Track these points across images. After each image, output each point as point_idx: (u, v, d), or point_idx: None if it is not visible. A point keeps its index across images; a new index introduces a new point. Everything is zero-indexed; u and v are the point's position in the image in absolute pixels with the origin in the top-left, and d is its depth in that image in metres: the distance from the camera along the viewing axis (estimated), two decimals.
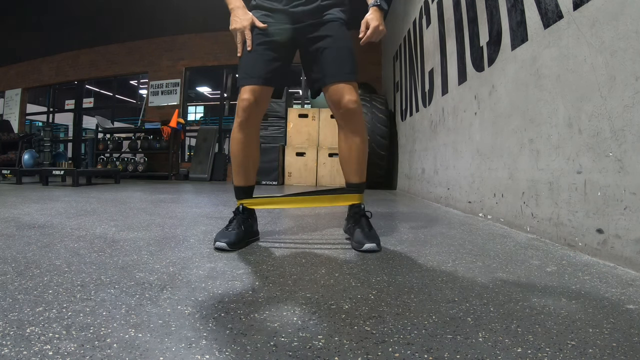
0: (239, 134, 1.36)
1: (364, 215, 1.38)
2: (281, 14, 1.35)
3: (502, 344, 0.62)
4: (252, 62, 1.33)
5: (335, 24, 1.35)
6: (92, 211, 2.17)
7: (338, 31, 1.35)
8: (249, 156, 1.41)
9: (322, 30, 1.34)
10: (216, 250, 1.26)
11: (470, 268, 1.09)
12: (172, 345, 0.59)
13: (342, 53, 1.34)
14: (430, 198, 3.28)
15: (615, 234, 1.14)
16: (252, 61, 1.33)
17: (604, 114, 1.21)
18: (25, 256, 1.12)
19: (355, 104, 1.32)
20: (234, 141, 1.38)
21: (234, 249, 1.27)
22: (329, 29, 1.34)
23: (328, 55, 1.33)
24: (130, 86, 10.88)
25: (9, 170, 5.36)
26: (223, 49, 7.40)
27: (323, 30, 1.34)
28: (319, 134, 5.60)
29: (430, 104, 3.34)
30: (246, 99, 1.30)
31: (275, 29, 1.34)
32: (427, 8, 3.35)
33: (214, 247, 1.28)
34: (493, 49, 2.04)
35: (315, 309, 0.75)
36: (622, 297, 0.85)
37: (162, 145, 6.89)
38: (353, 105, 1.32)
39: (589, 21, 1.28)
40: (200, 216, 2.08)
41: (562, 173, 1.43)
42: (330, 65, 1.33)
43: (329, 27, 1.35)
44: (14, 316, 0.68)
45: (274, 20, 1.36)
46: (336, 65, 1.32)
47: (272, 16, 1.36)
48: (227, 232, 1.31)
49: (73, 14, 6.39)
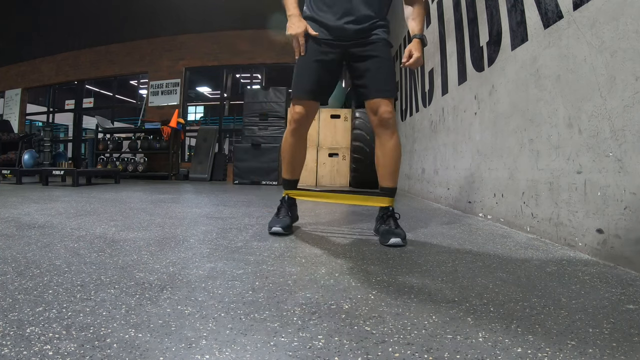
0: (291, 139, 1.60)
1: (392, 216, 1.50)
2: (332, 29, 1.49)
3: (502, 344, 0.62)
4: (305, 78, 1.53)
5: (380, 44, 1.51)
6: (92, 211, 2.17)
7: (383, 51, 1.51)
8: (296, 156, 1.65)
9: (369, 50, 1.50)
10: (272, 235, 1.52)
11: (470, 268, 1.09)
12: (172, 345, 0.59)
13: (385, 72, 1.51)
14: (430, 198, 3.28)
15: (615, 234, 1.14)
16: (306, 77, 1.53)
17: (604, 114, 1.21)
18: (25, 256, 1.12)
19: (390, 114, 1.49)
20: (286, 143, 1.62)
21: (287, 233, 1.55)
22: (375, 49, 1.50)
23: (373, 74, 1.50)
24: (130, 86, 10.88)
25: (9, 170, 5.36)
26: (223, 49, 7.41)
27: (370, 49, 1.50)
28: (319, 134, 5.60)
29: (430, 104, 3.34)
30: (298, 112, 1.54)
31: (329, 49, 1.51)
32: (427, 8, 3.35)
33: (270, 232, 1.54)
34: (493, 49, 2.04)
35: (315, 309, 0.75)
36: (622, 297, 0.85)
37: (162, 145, 6.89)
38: (388, 115, 1.48)
39: (589, 21, 1.28)
40: (200, 216, 2.08)
41: (562, 173, 1.43)
42: (375, 82, 1.50)
43: (376, 47, 1.50)
44: (14, 316, 0.68)
45: (325, 35, 1.50)
46: (380, 83, 1.49)
47: (323, 31, 1.50)
48: (279, 219, 1.58)
49: (73, 14, 6.40)
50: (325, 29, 1.50)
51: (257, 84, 9.44)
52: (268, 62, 7.45)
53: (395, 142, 1.52)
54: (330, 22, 1.49)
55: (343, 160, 5.47)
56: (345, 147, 5.43)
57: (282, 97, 5.98)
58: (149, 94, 7.75)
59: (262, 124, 5.92)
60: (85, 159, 8.22)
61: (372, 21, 1.49)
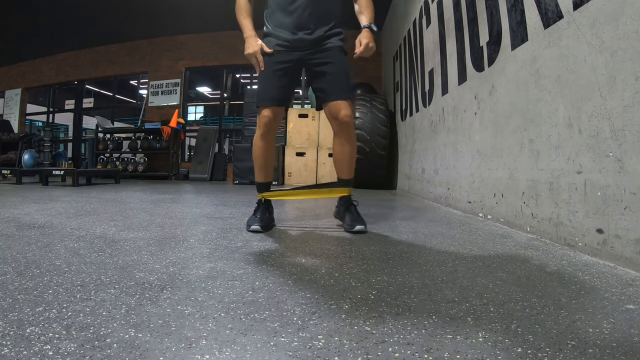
0: (261, 142, 1.69)
1: (352, 204, 1.72)
2: (289, 42, 1.62)
3: (502, 344, 0.62)
4: (269, 87, 1.64)
5: (334, 51, 1.63)
6: (92, 211, 2.17)
7: (337, 57, 1.63)
8: (268, 159, 1.74)
9: (323, 57, 1.62)
10: (251, 232, 1.59)
11: (470, 268, 1.09)
12: (172, 345, 0.59)
13: (340, 77, 1.63)
14: (430, 198, 3.28)
15: (615, 234, 1.14)
16: (269, 86, 1.64)
17: (604, 114, 1.21)
18: (25, 256, 1.12)
19: (349, 117, 1.62)
20: (257, 147, 1.70)
21: (265, 230, 1.63)
22: (329, 55, 1.62)
23: (329, 79, 1.62)
24: (130, 86, 10.88)
25: (9, 170, 5.36)
26: (223, 49, 7.40)
27: (324, 56, 1.62)
28: (319, 134, 5.59)
29: (430, 104, 3.34)
30: (266, 116, 1.63)
31: (285, 58, 1.62)
32: (427, 8, 3.36)
33: (249, 230, 1.62)
34: (493, 49, 2.04)
35: (315, 309, 0.75)
36: (622, 297, 0.85)
37: (162, 145, 6.88)
38: (347, 118, 1.62)
39: (589, 21, 1.28)
40: (200, 216, 2.08)
41: (562, 173, 1.43)
42: (331, 86, 1.62)
43: (330, 54, 1.62)
44: (14, 316, 0.68)
45: (283, 47, 1.62)
46: (336, 86, 1.62)
47: (282, 44, 1.63)
48: (257, 218, 1.66)
49: (73, 14, 6.40)
50: (282, 41, 1.63)
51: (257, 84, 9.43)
52: None
53: (352, 141, 1.69)
54: (286, 36, 1.62)
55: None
56: None
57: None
58: (149, 94, 7.74)
59: None
60: (85, 159, 8.22)
61: (326, 31, 1.62)
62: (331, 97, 1.62)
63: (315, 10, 1.59)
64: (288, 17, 1.61)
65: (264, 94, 1.65)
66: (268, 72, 1.63)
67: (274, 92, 1.64)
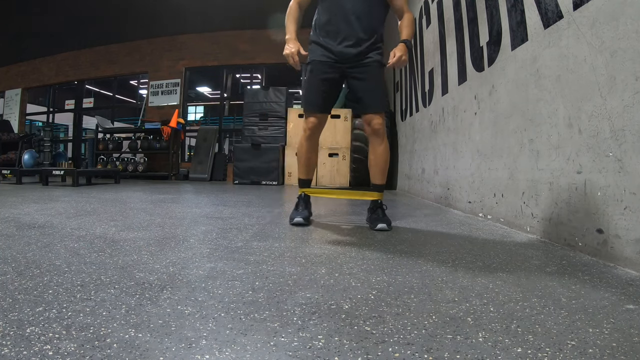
0: (306, 144, 1.90)
1: (380, 207, 1.85)
2: (334, 54, 1.77)
3: (502, 344, 0.62)
4: (315, 95, 1.83)
5: (373, 66, 1.78)
6: (92, 211, 2.17)
7: (376, 73, 1.79)
8: (311, 159, 1.93)
9: (363, 71, 1.77)
10: (294, 226, 1.79)
11: (470, 268, 1.09)
12: (172, 345, 0.59)
13: (377, 92, 1.81)
14: (430, 198, 3.28)
15: (615, 234, 1.14)
16: (315, 94, 1.83)
17: (604, 114, 1.21)
18: (25, 256, 1.12)
19: (381, 125, 1.81)
20: (302, 147, 1.91)
21: (307, 223, 1.83)
22: (369, 70, 1.77)
23: (366, 92, 1.79)
24: (130, 86, 10.87)
25: (9, 170, 5.35)
26: (223, 49, 7.40)
27: (364, 70, 1.77)
28: None
29: (430, 104, 3.34)
30: (312, 121, 1.85)
31: (331, 69, 1.79)
32: (427, 8, 3.35)
33: (292, 223, 1.81)
34: (493, 49, 2.04)
35: (315, 309, 0.75)
36: (622, 297, 0.85)
37: (162, 145, 6.89)
38: (379, 126, 1.80)
39: (589, 21, 1.28)
40: (200, 216, 2.08)
41: (562, 173, 1.43)
42: (368, 99, 1.79)
43: (369, 69, 1.77)
44: (14, 316, 0.68)
45: (328, 58, 1.78)
46: (372, 100, 1.79)
47: (327, 55, 1.78)
48: (299, 212, 1.86)
49: (73, 14, 6.40)
50: (328, 52, 1.77)
51: (257, 84, 9.44)
52: (268, 62, 7.44)
53: (384, 147, 1.83)
54: (332, 47, 1.76)
55: (343, 160, 5.47)
56: (345, 147, 5.43)
57: (282, 97, 5.96)
58: (149, 94, 7.75)
59: (262, 124, 5.92)
60: (85, 159, 8.22)
61: (368, 45, 1.75)
62: (368, 110, 1.79)
63: (361, 25, 1.73)
64: (335, 29, 1.75)
65: (309, 100, 1.85)
66: (315, 80, 1.82)
67: (320, 99, 1.83)
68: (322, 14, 1.79)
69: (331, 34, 1.76)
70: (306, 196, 1.94)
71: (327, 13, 1.77)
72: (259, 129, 5.91)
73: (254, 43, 7.32)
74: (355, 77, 1.78)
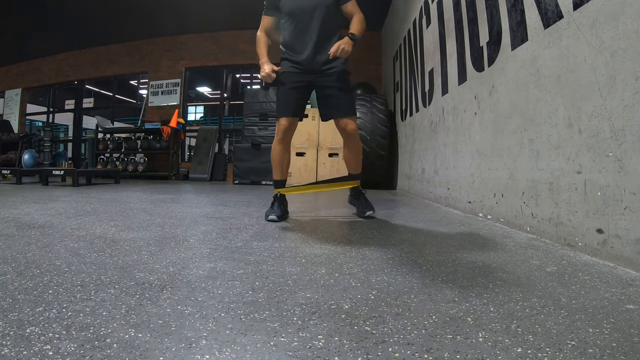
0: (279, 146, 2.05)
1: (362, 193, 2.14)
2: (300, 64, 2.00)
3: (502, 344, 0.62)
4: (286, 101, 2.03)
5: (338, 75, 2.00)
6: (92, 211, 2.17)
7: (342, 80, 2.01)
8: (284, 160, 2.09)
9: (330, 80, 1.99)
10: (268, 221, 1.89)
11: (470, 268, 1.09)
12: (172, 345, 0.59)
13: (346, 97, 2.03)
14: (430, 198, 3.28)
15: (615, 234, 1.14)
16: (286, 100, 2.03)
17: (604, 114, 1.21)
18: (25, 256, 1.12)
19: (354, 130, 2.04)
20: (275, 150, 2.07)
21: (281, 220, 1.94)
22: (335, 80, 1.99)
23: (336, 99, 2.01)
24: (130, 86, 10.88)
25: (9, 170, 5.35)
26: (223, 49, 7.40)
27: (331, 79, 1.99)
28: (319, 134, 5.59)
29: (430, 104, 3.34)
30: (283, 124, 2.01)
31: (300, 78, 2.01)
32: (427, 8, 3.35)
33: (267, 219, 1.92)
34: (493, 49, 2.04)
35: (315, 309, 0.75)
36: (622, 297, 0.85)
37: (162, 145, 6.88)
38: (353, 131, 2.04)
39: (589, 21, 1.28)
40: (200, 216, 2.08)
41: (562, 173, 1.43)
42: (337, 105, 2.02)
43: (337, 77, 1.99)
44: (14, 316, 0.68)
45: (296, 69, 2.01)
46: (342, 106, 2.02)
47: (295, 66, 2.02)
48: (274, 209, 1.99)
49: (73, 14, 6.39)
50: (295, 64, 2.02)
51: (257, 84, 9.44)
52: None
53: (358, 146, 2.11)
54: (296, 58, 2.01)
55: (343, 160, 5.47)
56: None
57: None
58: (149, 94, 7.74)
59: (262, 124, 5.92)
60: (85, 159, 8.22)
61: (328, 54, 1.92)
62: (339, 114, 2.01)
63: (319, 36, 1.96)
64: (297, 45, 2.00)
65: (282, 106, 2.03)
66: (286, 89, 2.02)
67: (290, 105, 2.02)
68: (285, 34, 2.05)
69: (295, 49, 2.02)
70: (282, 196, 2.09)
71: (288, 33, 2.03)
72: (259, 129, 5.91)
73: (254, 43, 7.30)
74: (323, 86, 2.00)
